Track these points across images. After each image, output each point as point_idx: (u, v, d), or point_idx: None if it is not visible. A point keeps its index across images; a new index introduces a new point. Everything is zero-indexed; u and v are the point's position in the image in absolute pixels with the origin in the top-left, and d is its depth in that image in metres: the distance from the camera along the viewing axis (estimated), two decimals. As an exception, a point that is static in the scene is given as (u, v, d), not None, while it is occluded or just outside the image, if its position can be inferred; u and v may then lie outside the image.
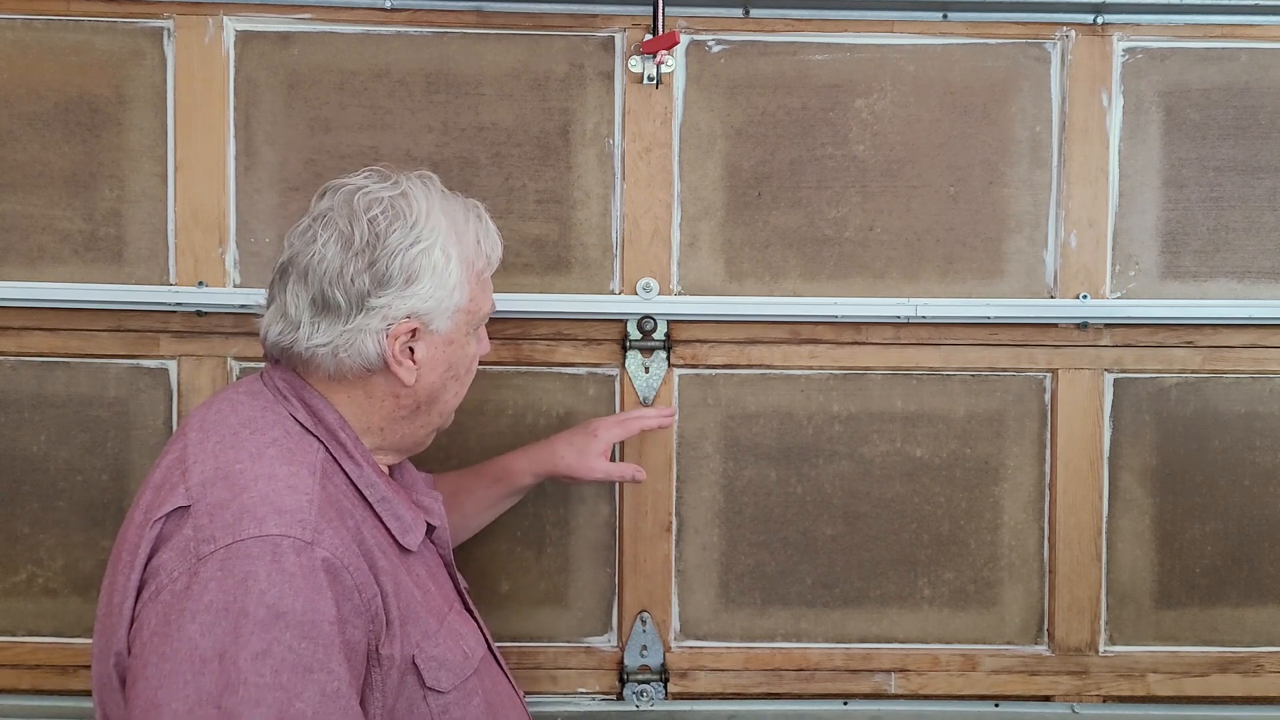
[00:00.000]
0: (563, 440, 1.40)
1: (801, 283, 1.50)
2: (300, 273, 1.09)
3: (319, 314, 1.08)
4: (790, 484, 1.53)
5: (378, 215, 1.08)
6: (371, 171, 1.13)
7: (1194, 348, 1.52)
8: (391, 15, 1.47)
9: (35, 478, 1.49)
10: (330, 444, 1.08)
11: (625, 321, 1.50)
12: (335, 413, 1.10)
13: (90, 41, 1.46)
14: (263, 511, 0.97)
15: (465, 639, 1.13)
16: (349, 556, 0.99)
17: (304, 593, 0.94)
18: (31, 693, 1.49)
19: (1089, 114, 1.49)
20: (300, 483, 1.01)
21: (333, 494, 1.04)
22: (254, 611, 0.92)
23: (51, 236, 1.47)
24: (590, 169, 1.49)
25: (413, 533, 1.12)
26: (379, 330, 1.08)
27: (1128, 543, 1.53)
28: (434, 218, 1.10)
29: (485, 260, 1.16)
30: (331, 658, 0.95)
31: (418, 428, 1.16)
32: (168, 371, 1.49)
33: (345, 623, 0.97)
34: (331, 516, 1.01)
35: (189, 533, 0.97)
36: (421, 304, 1.09)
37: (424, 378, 1.12)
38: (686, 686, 1.53)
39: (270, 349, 1.12)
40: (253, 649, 0.91)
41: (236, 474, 1.00)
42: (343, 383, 1.10)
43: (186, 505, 0.99)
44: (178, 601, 0.94)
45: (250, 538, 0.95)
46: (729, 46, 1.49)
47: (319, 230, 1.09)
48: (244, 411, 1.08)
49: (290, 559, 0.95)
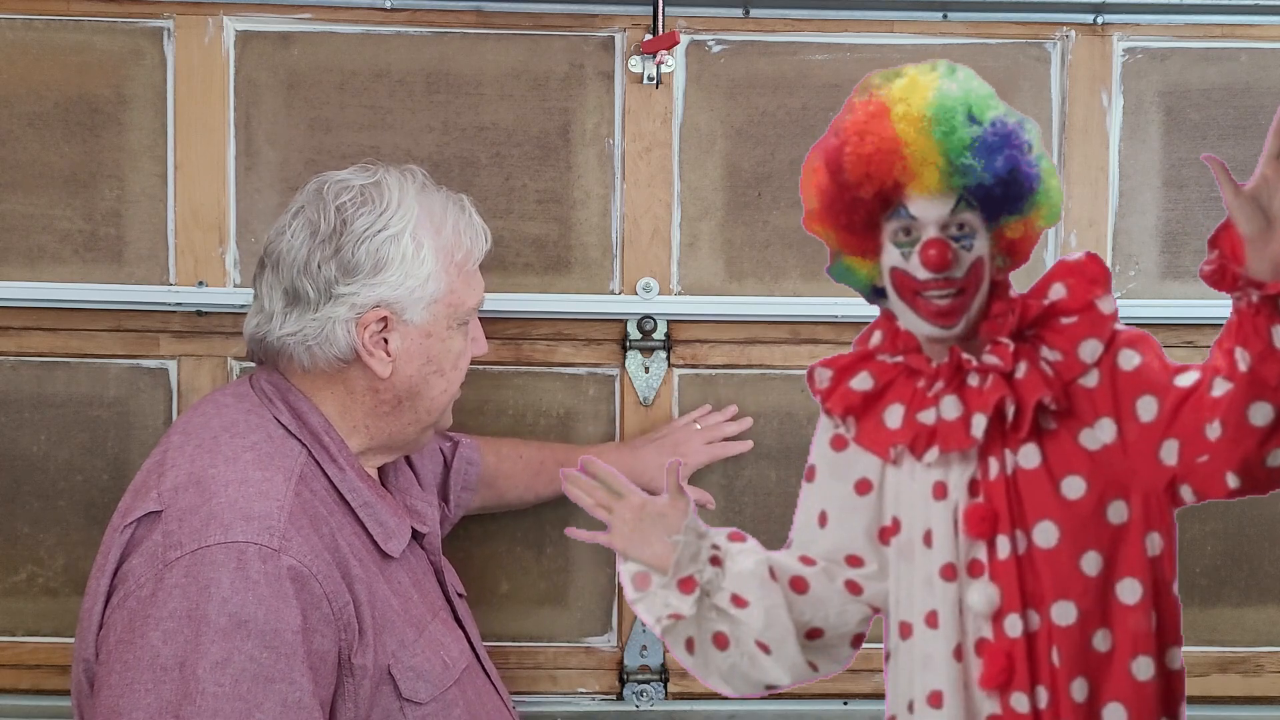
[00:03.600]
0: (648, 455, 1.41)
1: (801, 283, 1.50)
2: (273, 264, 1.08)
3: (290, 305, 1.07)
4: (790, 484, 1.53)
5: (345, 202, 1.07)
6: (359, 166, 1.12)
7: (1194, 348, 1.52)
8: (391, 15, 1.47)
9: (35, 477, 1.49)
10: (313, 447, 1.07)
11: (625, 321, 1.50)
12: (320, 415, 1.08)
13: (90, 41, 1.46)
14: (229, 518, 0.96)
15: (447, 648, 1.11)
16: (318, 564, 0.98)
17: (267, 601, 0.93)
18: (31, 693, 1.49)
19: (1089, 114, 1.49)
20: (272, 488, 1.00)
21: (308, 500, 1.02)
22: (215, 619, 0.91)
23: (51, 236, 1.47)
24: (590, 169, 1.49)
25: (395, 539, 1.09)
26: (348, 319, 1.06)
27: (1128, 543, 1.53)
28: (406, 206, 1.09)
29: (466, 252, 1.14)
30: (294, 668, 0.93)
31: (405, 425, 1.13)
32: (168, 371, 1.48)
33: (312, 632, 0.96)
34: (303, 524, 0.99)
35: (158, 538, 0.96)
36: (390, 292, 1.07)
37: (400, 370, 1.10)
38: (686, 686, 1.53)
39: (249, 344, 1.11)
40: (212, 658, 0.91)
41: (209, 479, 0.99)
42: (321, 378, 1.09)
43: (158, 510, 0.98)
44: (143, 608, 0.93)
45: (216, 544, 0.94)
46: (729, 46, 1.49)
47: (289, 220, 1.09)
48: (227, 415, 1.07)
49: (255, 566, 0.94)
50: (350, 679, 1.00)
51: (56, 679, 1.48)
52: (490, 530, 1.51)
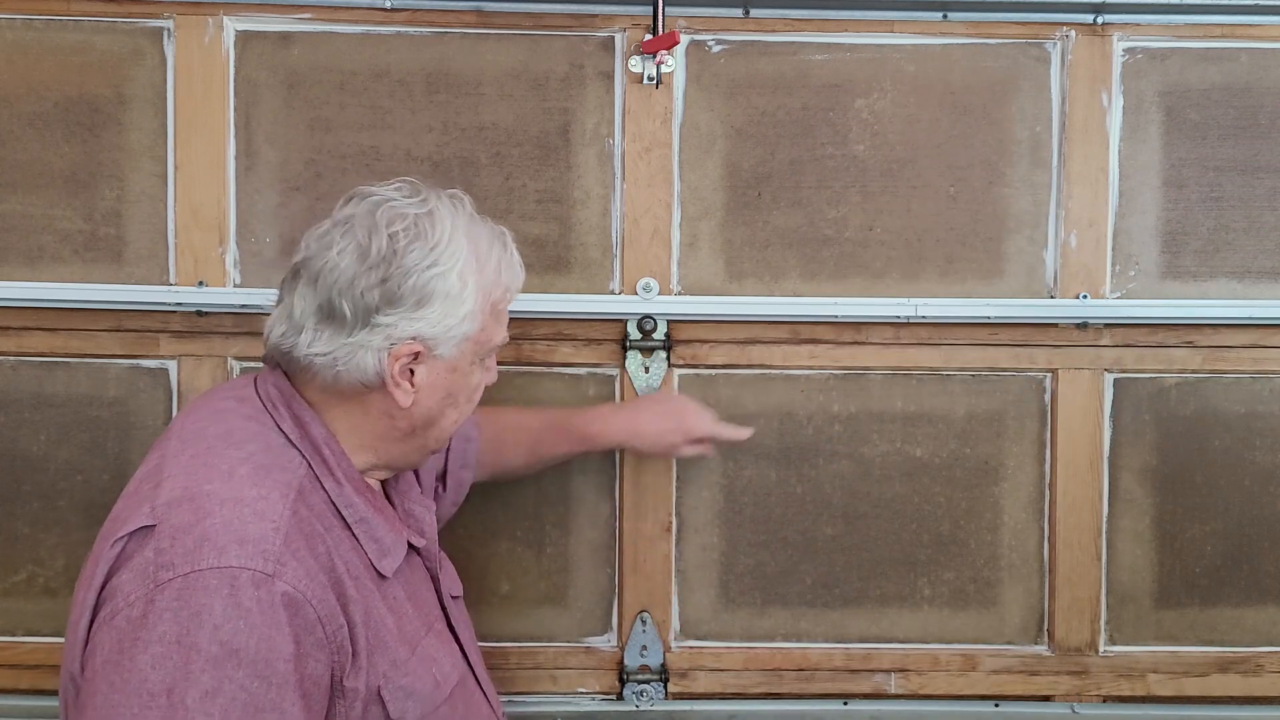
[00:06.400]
0: (648, 419, 1.41)
1: (801, 283, 1.50)
2: (311, 276, 1.06)
3: (323, 322, 1.05)
4: (790, 484, 1.53)
5: (399, 231, 1.05)
6: (403, 183, 1.10)
7: (1194, 348, 1.52)
8: (391, 15, 1.47)
9: (35, 478, 1.49)
10: (313, 459, 1.05)
11: (625, 321, 1.50)
12: (323, 427, 1.07)
13: (90, 41, 1.46)
14: (224, 541, 0.94)
15: (440, 664, 1.10)
16: (313, 588, 0.96)
17: (259, 629, 0.92)
18: (31, 693, 1.49)
19: (1089, 114, 1.49)
20: (269, 508, 0.98)
21: (305, 517, 1.01)
22: (206, 648, 0.90)
23: (51, 236, 1.47)
24: (590, 169, 1.49)
25: (390, 556, 1.08)
26: (381, 348, 1.04)
27: (1128, 543, 1.53)
28: (456, 241, 1.07)
29: (504, 291, 1.13)
30: (285, 697, 0.92)
31: (411, 450, 1.13)
32: (168, 371, 1.49)
33: (305, 658, 0.95)
34: (299, 545, 0.98)
35: (150, 555, 0.94)
36: (429, 328, 1.05)
37: (421, 402, 1.08)
38: (686, 686, 1.53)
39: (270, 350, 1.09)
40: (202, 687, 0.89)
41: (204, 496, 0.97)
42: (338, 396, 1.07)
43: (151, 525, 0.96)
44: (132, 629, 0.91)
45: (209, 568, 0.92)
46: (729, 46, 1.49)
47: (337, 237, 1.06)
48: (226, 422, 1.05)
49: (248, 593, 0.92)
50: (341, 700, 0.99)
51: (56, 679, 1.47)
52: (490, 530, 1.51)
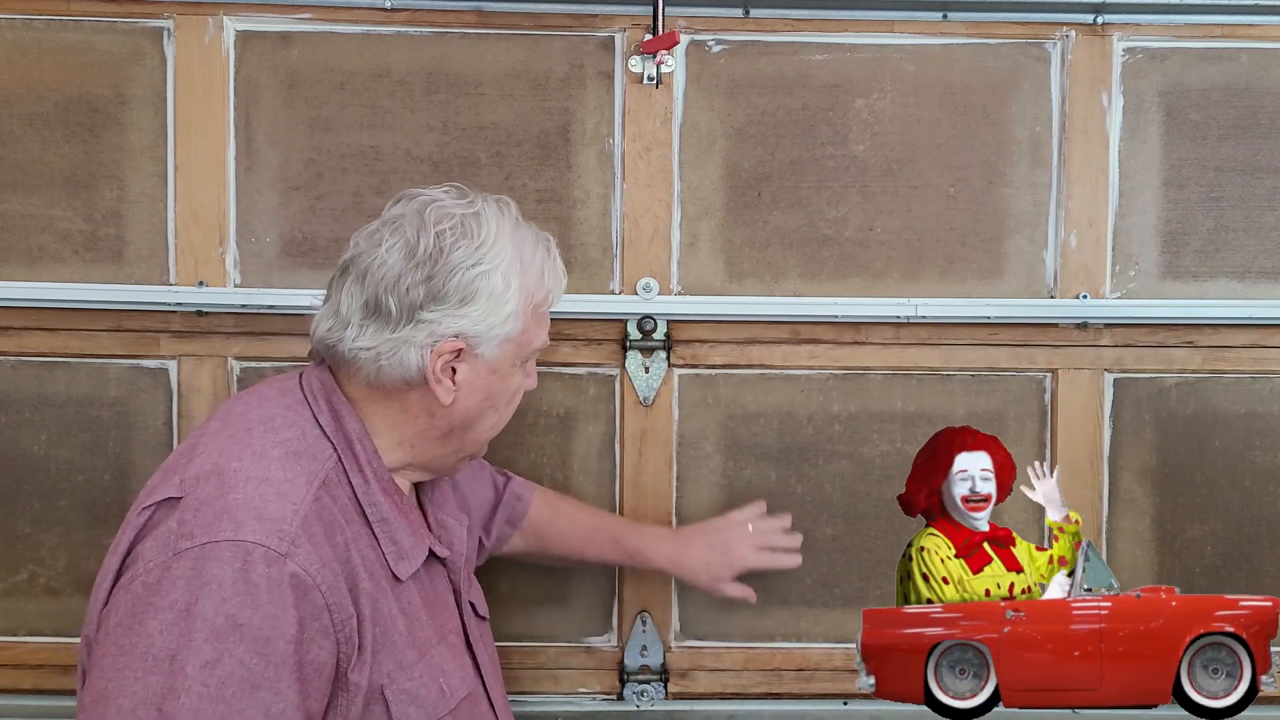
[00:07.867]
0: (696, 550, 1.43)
1: (801, 283, 1.50)
2: (360, 273, 1.08)
3: (369, 317, 1.07)
4: (790, 484, 1.53)
5: (445, 230, 1.07)
6: (450, 187, 1.13)
7: (1194, 348, 1.52)
8: (391, 15, 1.47)
9: (36, 477, 1.49)
10: (344, 453, 1.07)
11: (625, 321, 1.50)
12: (359, 423, 1.09)
13: (90, 41, 1.46)
14: (243, 515, 0.96)
15: (448, 675, 1.09)
16: (325, 574, 0.98)
17: (264, 606, 0.93)
18: (33, 692, 1.49)
19: (1089, 114, 1.49)
20: (292, 490, 1.00)
21: (327, 506, 1.02)
22: (211, 618, 0.92)
23: (51, 236, 1.47)
24: (590, 169, 1.49)
25: (407, 561, 1.09)
26: (424, 345, 1.06)
27: (1128, 543, 1.53)
28: (501, 242, 1.09)
29: (545, 294, 1.14)
30: (282, 678, 0.93)
31: (449, 452, 1.14)
32: (168, 371, 1.49)
33: (308, 642, 0.96)
34: (316, 531, 0.99)
35: (173, 524, 0.97)
36: (472, 326, 1.07)
37: (461, 400, 1.10)
38: (686, 686, 1.53)
39: (316, 345, 1.11)
40: (203, 657, 0.91)
41: (230, 472, 1.00)
42: (380, 392, 1.09)
43: (179, 496, 0.99)
44: (147, 594, 0.94)
45: (225, 540, 0.94)
46: (729, 46, 1.49)
47: (386, 235, 1.09)
48: (266, 408, 1.08)
49: (259, 569, 0.94)
50: (344, 693, 1.00)
51: (58, 679, 1.49)
52: (490, 530, 1.51)
